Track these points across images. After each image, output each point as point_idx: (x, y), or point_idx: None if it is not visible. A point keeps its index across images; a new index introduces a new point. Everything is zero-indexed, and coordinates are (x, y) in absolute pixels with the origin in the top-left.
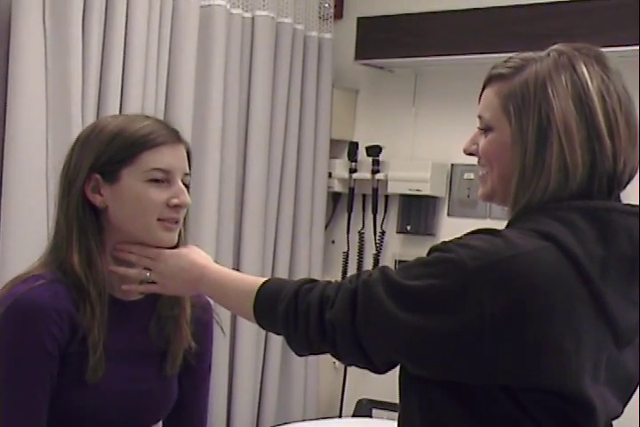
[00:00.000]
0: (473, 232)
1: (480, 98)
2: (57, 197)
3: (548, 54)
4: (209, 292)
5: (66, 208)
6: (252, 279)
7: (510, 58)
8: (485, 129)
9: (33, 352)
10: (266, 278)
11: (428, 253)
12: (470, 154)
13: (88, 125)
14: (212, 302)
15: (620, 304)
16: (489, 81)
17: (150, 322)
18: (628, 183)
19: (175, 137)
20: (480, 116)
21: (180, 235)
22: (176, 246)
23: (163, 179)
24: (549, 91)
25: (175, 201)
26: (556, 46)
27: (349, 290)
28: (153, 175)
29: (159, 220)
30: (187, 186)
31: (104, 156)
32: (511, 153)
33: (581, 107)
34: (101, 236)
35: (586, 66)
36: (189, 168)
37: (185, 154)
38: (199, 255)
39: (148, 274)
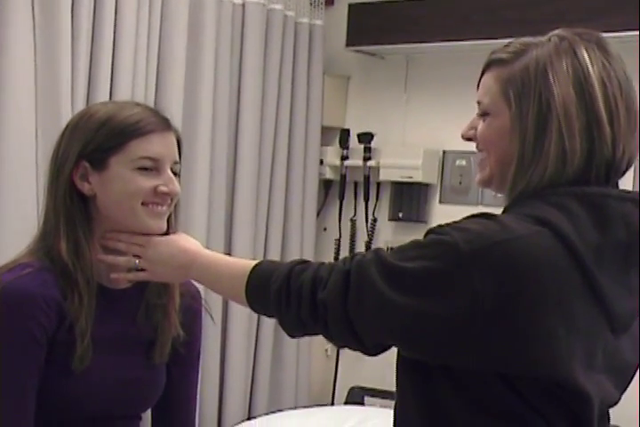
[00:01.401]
0: (470, 216)
1: (479, 84)
2: (46, 184)
3: (549, 39)
4: (199, 277)
5: (54, 196)
6: (244, 262)
7: (510, 43)
8: (484, 114)
9: (20, 340)
10: (258, 261)
11: (425, 236)
12: (468, 139)
13: (78, 112)
14: (201, 290)
15: (616, 291)
16: (488, 66)
17: (139, 310)
18: (626, 170)
19: (165, 125)
20: (479, 102)
21: (169, 223)
22: (166, 234)
23: (151, 167)
24: (550, 76)
25: (164, 189)
26: (557, 31)
27: (342, 271)
28: (141, 164)
29: (143, 204)
30: (176, 174)
31: (92, 143)
32: (509, 138)
33: (582, 93)
34: (90, 224)
35: (587, 51)
36: (179, 156)
37: (175, 142)
38: (189, 242)
39: (137, 261)
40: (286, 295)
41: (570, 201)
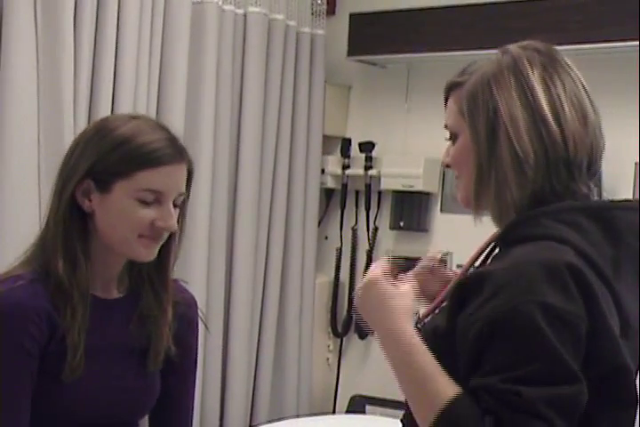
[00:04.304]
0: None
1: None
2: (50, 195)
3: (496, 56)
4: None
5: (56, 209)
6: (439, 390)
7: (467, 66)
8: (452, 137)
9: (13, 352)
10: (451, 401)
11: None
12: (447, 166)
13: (95, 122)
14: (196, 297)
15: (630, 300)
16: (449, 91)
17: (131, 319)
18: (596, 167)
19: (179, 157)
20: (446, 126)
21: (170, 247)
22: (161, 259)
23: (153, 200)
24: (493, 86)
25: (161, 224)
26: (504, 47)
27: None
28: (145, 196)
29: (140, 236)
30: (178, 206)
31: (102, 164)
32: (472, 154)
33: (524, 95)
34: (88, 239)
35: (528, 58)
36: (189, 185)
37: (185, 174)
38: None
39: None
40: None
41: (578, 217)
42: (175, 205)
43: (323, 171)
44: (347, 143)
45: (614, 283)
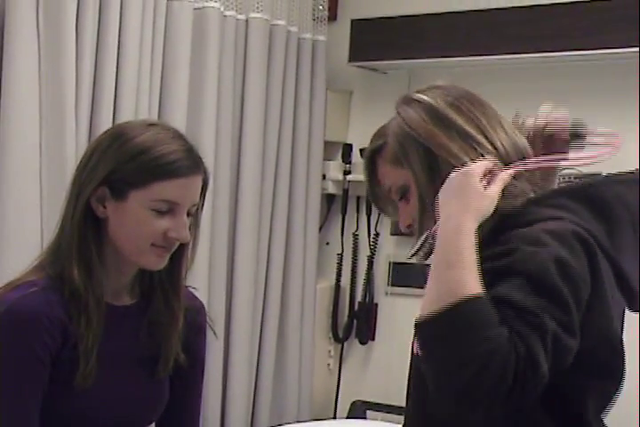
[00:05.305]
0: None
1: (372, 180)
2: (65, 201)
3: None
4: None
5: (71, 216)
6: (469, 281)
7: (376, 131)
8: (401, 194)
9: (24, 359)
10: (475, 295)
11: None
12: (409, 226)
13: (112, 129)
14: (205, 305)
15: (633, 271)
16: (373, 159)
17: (141, 327)
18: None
19: (196, 168)
20: (389, 190)
21: (183, 257)
22: (180, 259)
23: (167, 210)
24: (411, 131)
25: (174, 235)
26: (401, 98)
27: None
28: (159, 206)
29: (152, 245)
30: (191, 215)
31: (119, 173)
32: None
33: (442, 124)
34: (102, 245)
35: (424, 94)
36: (204, 195)
37: (200, 184)
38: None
39: None
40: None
41: (563, 200)
42: (189, 214)
43: (324, 176)
44: (348, 149)
45: (615, 256)
